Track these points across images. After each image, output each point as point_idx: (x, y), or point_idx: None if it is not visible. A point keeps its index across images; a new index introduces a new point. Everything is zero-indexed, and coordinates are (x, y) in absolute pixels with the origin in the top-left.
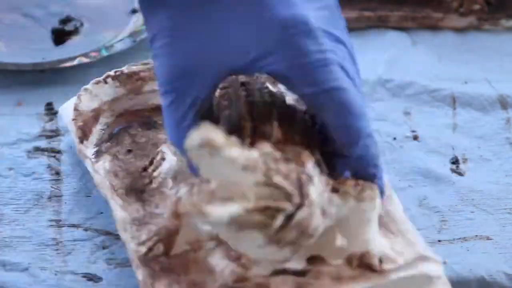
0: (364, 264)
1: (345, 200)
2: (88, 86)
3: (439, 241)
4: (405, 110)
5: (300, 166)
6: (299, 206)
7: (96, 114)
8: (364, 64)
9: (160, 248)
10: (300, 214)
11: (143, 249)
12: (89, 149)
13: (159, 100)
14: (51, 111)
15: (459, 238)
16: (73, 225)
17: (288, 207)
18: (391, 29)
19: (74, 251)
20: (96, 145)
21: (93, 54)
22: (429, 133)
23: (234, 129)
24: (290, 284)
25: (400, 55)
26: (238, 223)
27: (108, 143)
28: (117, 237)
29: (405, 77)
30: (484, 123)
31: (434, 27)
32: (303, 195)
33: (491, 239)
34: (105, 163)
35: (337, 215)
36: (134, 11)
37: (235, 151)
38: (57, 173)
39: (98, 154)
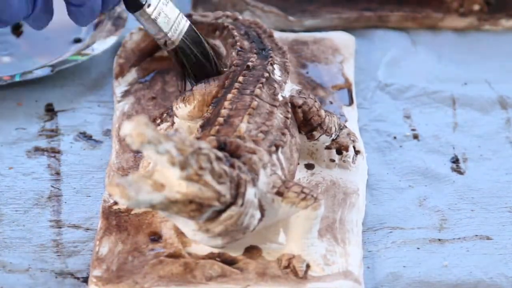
0: (291, 266)
1: (287, 205)
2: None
3: (439, 240)
4: (405, 112)
5: (249, 170)
6: (229, 205)
7: (142, 54)
8: (364, 66)
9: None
10: (229, 212)
11: (111, 201)
12: (120, 87)
13: None
14: (51, 111)
15: (459, 238)
16: (74, 226)
17: (215, 204)
18: (391, 29)
19: (75, 253)
20: (129, 84)
21: (5, 78)
22: (429, 132)
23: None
24: (216, 270)
25: (400, 55)
26: (163, 209)
27: (140, 85)
28: None
29: (404, 79)
30: (484, 122)
31: (434, 27)
32: (238, 195)
33: (491, 239)
34: (126, 104)
35: (280, 215)
36: (76, 41)
37: (163, 147)
38: (57, 173)
39: (125, 93)
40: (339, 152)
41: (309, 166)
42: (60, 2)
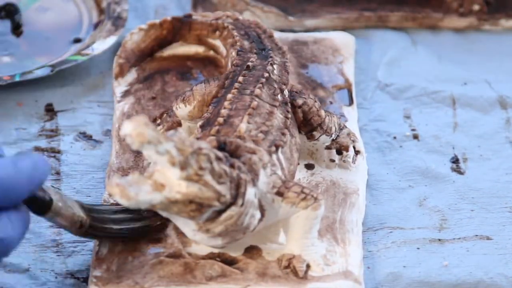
0: (291, 266)
1: (287, 205)
2: (143, 26)
3: (439, 240)
4: (405, 112)
5: (249, 170)
6: (229, 205)
7: (142, 54)
8: (364, 66)
9: None
10: (229, 212)
11: (111, 201)
12: (120, 87)
13: (203, 50)
14: (51, 111)
15: (459, 238)
16: None
17: (215, 204)
18: (391, 29)
19: (75, 253)
20: (129, 84)
21: (5, 78)
22: (429, 132)
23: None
24: (216, 270)
25: (400, 55)
26: (163, 209)
27: (140, 85)
28: None
29: (405, 79)
30: (484, 122)
31: (434, 27)
32: (238, 195)
33: (491, 239)
34: (126, 104)
35: (281, 215)
36: (76, 41)
37: (163, 147)
38: (57, 173)
39: (125, 94)
40: (339, 152)
41: (309, 166)
42: (60, 2)
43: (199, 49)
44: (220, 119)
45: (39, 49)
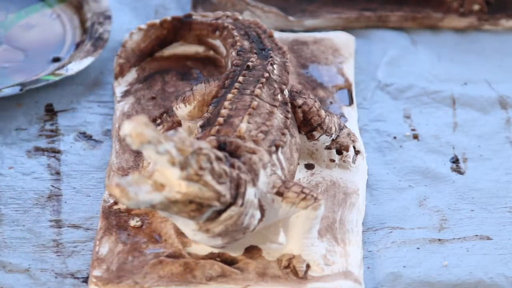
0: (291, 266)
1: (287, 205)
2: (143, 26)
3: (439, 240)
4: (405, 112)
5: (249, 170)
6: (229, 205)
7: (142, 54)
8: (364, 66)
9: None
10: (229, 212)
11: (111, 201)
12: (120, 87)
13: (203, 50)
14: (51, 111)
15: (459, 238)
16: (74, 226)
17: (215, 204)
18: (391, 29)
19: (75, 253)
20: (129, 84)
21: None
22: (429, 132)
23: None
24: (216, 270)
25: (400, 55)
26: (163, 209)
27: (140, 85)
28: None
29: (404, 79)
30: (484, 122)
31: (434, 27)
32: (238, 195)
33: (491, 239)
34: (126, 104)
35: (280, 215)
36: (55, 60)
37: (163, 147)
38: (57, 173)
39: (125, 94)
40: (339, 152)
41: (309, 166)
42: (46, 20)
43: (199, 49)
44: (220, 119)
45: (16, 67)
